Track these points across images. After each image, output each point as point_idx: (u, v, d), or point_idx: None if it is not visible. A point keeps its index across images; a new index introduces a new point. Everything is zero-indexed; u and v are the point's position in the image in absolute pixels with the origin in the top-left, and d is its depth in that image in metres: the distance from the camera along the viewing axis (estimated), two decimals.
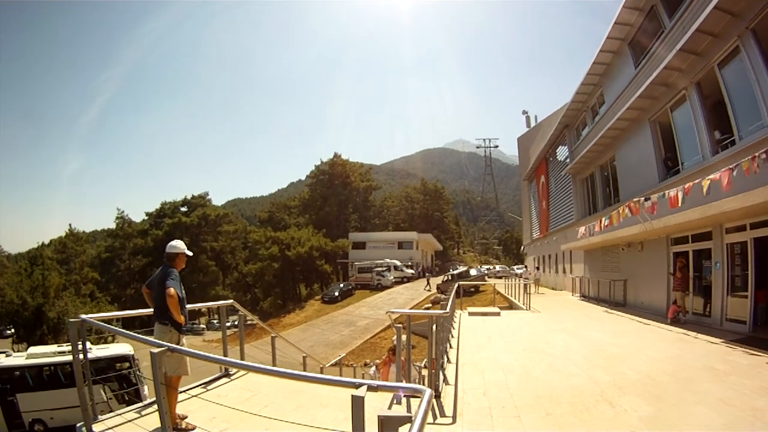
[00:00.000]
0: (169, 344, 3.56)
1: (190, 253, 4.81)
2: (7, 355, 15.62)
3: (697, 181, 8.91)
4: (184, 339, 4.59)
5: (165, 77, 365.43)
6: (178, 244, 4.67)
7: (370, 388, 2.23)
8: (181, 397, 4.56)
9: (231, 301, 6.96)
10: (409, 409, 4.28)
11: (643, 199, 11.22)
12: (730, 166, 7.92)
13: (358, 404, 2.12)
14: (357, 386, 2.21)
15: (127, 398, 12.29)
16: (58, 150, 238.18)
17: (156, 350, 3.32)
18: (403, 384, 4.34)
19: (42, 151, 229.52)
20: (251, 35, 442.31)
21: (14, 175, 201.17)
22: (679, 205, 9.53)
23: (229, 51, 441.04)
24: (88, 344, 4.65)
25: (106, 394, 12.05)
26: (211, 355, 3.43)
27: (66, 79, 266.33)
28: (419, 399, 2.07)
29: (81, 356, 4.41)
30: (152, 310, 4.57)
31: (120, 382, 13.47)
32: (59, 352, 14.14)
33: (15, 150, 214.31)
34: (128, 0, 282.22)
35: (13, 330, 36.08)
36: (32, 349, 15.56)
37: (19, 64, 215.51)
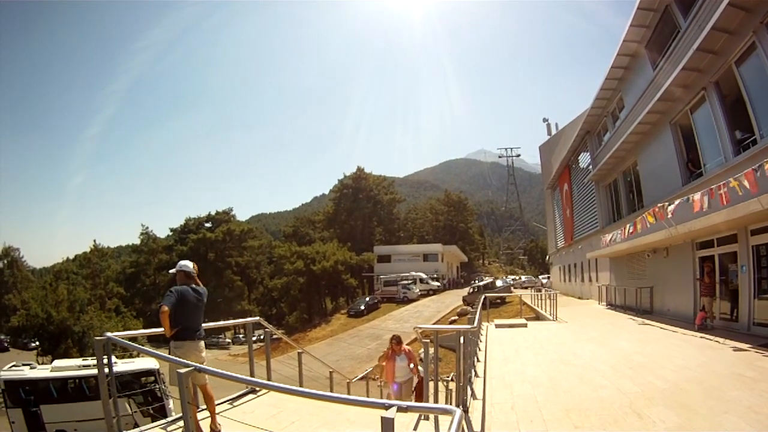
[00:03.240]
0: (196, 364, 3.62)
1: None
2: (31, 368, 15.73)
3: (723, 190, 8.63)
4: None
5: (182, 91, 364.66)
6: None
7: (400, 409, 2.17)
8: (207, 413, 4.62)
9: (258, 318, 7.09)
10: (436, 426, 4.32)
11: (666, 204, 11.00)
12: (753, 167, 7.72)
13: (388, 426, 2.06)
14: (387, 407, 2.15)
15: (152, 412, 12.50)
16: (80, 165, 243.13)
17: (183, 370, 3.37)
18: (434, 405, 4.35)
19: (68, 165, 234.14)
20: (263, 46, 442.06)
21: (38, 191, 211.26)
22: (704, 209, 9.30)
23: (242, 63, 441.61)
24: (114, 358, 4.79)
25: (131, 407, 12.16)
26: (239, 375, 3.43)
27: (76, 91, 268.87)
28: (449, 418, 2.03)
29: (106, 371, 4.43)
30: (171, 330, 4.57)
31: (145, 396, 13.60)
32: (84, 366, 14.33)
33: (40, 166, 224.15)
34: (137, 12, 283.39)
35: (37, 343, 36.41)
36: (57, 362, 15.90)
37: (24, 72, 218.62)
